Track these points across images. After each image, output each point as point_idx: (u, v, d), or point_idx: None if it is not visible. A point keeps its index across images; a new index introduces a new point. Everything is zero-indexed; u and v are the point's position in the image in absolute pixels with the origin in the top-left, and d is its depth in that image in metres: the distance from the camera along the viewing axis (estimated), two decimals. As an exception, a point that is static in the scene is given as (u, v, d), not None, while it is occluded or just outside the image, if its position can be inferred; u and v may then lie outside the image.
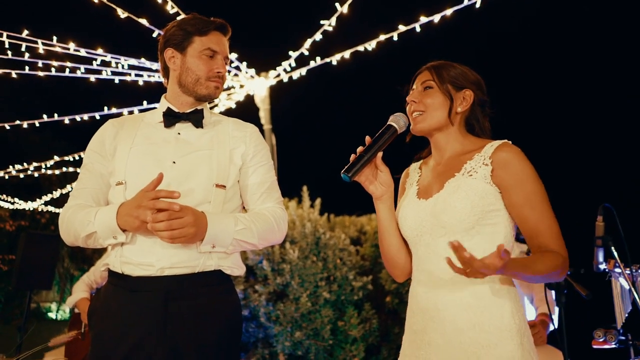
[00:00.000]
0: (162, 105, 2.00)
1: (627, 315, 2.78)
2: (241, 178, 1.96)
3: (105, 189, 1.90)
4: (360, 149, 1.69)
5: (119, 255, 1.80)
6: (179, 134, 1.92)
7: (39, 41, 5.25)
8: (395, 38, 5.19)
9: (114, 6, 4.71)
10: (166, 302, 1.74)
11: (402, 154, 2.01)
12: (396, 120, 1.75)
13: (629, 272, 2.73)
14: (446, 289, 1.64)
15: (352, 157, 1.68)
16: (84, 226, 1.77)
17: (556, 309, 3.43)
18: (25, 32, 5.14)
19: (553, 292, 2.83)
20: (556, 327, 2.93)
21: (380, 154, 1.72)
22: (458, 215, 1.63)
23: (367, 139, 1.71)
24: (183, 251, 1.77)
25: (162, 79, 2.08)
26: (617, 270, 2.73)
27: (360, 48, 5.50)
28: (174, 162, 1.84)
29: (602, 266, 2.81)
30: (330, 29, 5.22)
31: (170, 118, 1.94)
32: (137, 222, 1.67)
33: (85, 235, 1.78)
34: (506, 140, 1.72)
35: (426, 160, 1.95)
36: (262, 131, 6.85)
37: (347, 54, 5.66)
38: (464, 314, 1.60)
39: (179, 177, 1.82)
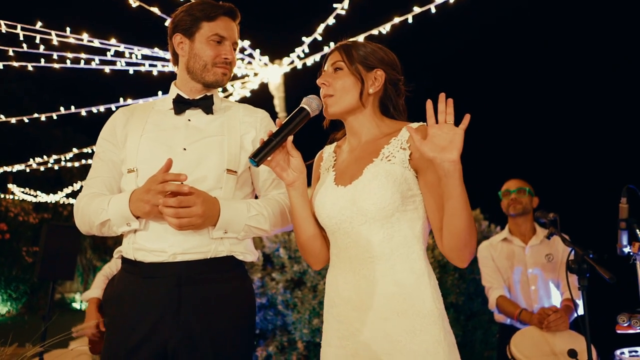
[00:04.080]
0: (172, 92, 1.98)
1: (651, 299, 2.71)
2: None
3: (118, 177, 1.90)
4: (269, 132, 1.63)
5: (132, 242, 1.81)
6: (189, 120, 1.91)
7: (53, 33, 5.28)
8: (410, 20, 5.10)
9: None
10: (179, 288, 1.75)
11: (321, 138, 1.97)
12: (308, 103, 1.68)
13: (654, 254, 2.66)
14: (368, 278, 1.60)
15: (261, 141, 1.62)
16: (97, 214, 1.78)
17: (581, 295, 3.37)
18: (39, 24, 5.18)
19: (575, 276, 2.76)
20: (580, 313, 2.87)
21: (290, 138, 1.65)
22: (379, 203, 1.59)
23: (278, 122, 1.66)
24: (195, 237, 1.76)
25: (174, 68, 2.07)
26: (642, 253, 2.67)
27: (375, 32, 5.42)
28: (184, 149, 1.84)
29: (626, 249, 2.74)
30: (343, 12, 5.15)
31: (180, 105, 1.93)
32: (148, 206, 1.67)
33: (99, 223, 1.78)
34: (422, 123, 1.65)
35: (340, 143, 1.90)
36: (276, 119, 6.86)
37: (361, 38, 5.57)
38: (387, 303, 1.58)
39: (190, 164, 1.81)
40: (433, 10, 4.87)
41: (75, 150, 9.54)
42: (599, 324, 3.14)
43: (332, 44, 5.82)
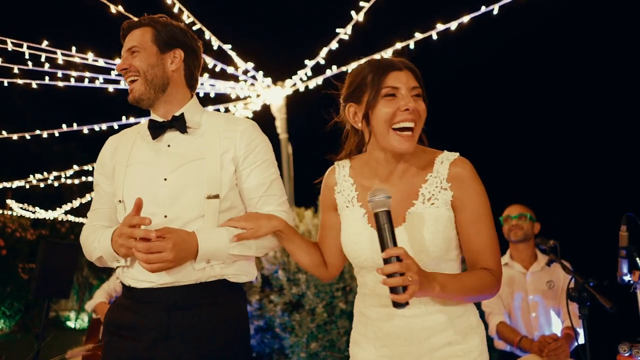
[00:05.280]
0: (151, 116, 1.94)
1: (653, 328, 2.68)
2: (238, 182, 1.85)
3: (115, 208, 1.91)
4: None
5: (124, 272, 1.82)
6: (168, 146, 1.85)
7: (59, 52, 5.35)
8: (412, 46, 5.16)
9: (130, 16, 4.77)
10: (168, 313, 1.73)
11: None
12: (382, 204, 1.44)
13: (655, 283, 2.65)
14: (418, 317, 1.60)
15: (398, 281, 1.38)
16: (92, 250, 1.84)
17: (581, 323, 3.34)
18: (45, 42, 5.25)
19: (576, 304, 2.74)
20: (581, 342, 2.84)
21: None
22: (432, 253, 1.56)
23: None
24: (180, 269, 1.74)
25: None
26: (643, 281, 2.66)
27: (377, 56, 5.48)
28: (165, 179, 1.80)
29: (627, 277, 2.73)
30: (347, 37, 5.22)
31: (155, 130, 1.86)
32: (123, 249, 1.69)
33: (95, 258, 1.85)
34: (458, 155, 1.64)
35: (354, 165, 1.78)
36: (278, 140, 6.89)
37: (363, 62, 5.61)
38: (439, 335, 1.59)
39: (170, 194, 1.78)
40: (435, 37, 4.94)
41: (75, 168, 9.56)
42: (600, 353, 3.10)
43: (334, 68, 5.89)
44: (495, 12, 4.39)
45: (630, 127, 7.26)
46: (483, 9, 4.55)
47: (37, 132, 6.95)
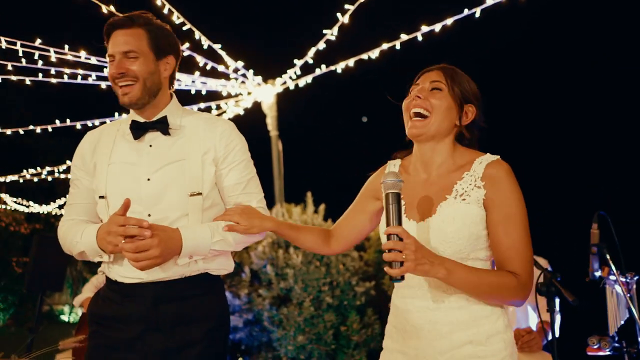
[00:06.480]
0: (131, 116, 1.97)
1: (623, 322, 2.79)
2: (217, 181, 1.93)
3: (94, 202, 1.93)
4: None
5: (109, 267, 1.88)
6: (150, 146, 1.89)
7: (52, 50, 5.41)
8: (398, 47, 5.26)
9: (121, 15, 4.82)
10: (156, 307, 1.81)
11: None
12: (392, 185, 1.50)
13: (623, 279, 2.74)
14: (441, 311, 1.62)
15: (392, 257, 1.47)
16: (73, 245, 1.86)
17: (558, 318, 3.45)
18: (38, 41, 5.31)
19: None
20: (554, 336, 2.94)
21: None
22: (455, 247, 1.59)
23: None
24: (164, 266, 1.80)
25: None
26: (612, 277, 2.75)
27: (364, 56, 5.58)
28: (148, 179, 1.85)
29: (597, 273, 2.82)
30: (334, 38, 5.31)
31: (137, 130, 1.90)
32: (110, 247, 1.72)
33: (77, 252, 1.87)
34: (498, 157, 1.66)
35: (405, 163, 1.84)
36: (269, 138, 6.98)
37: (351, 62, 5.75)
38: (461, 332, 1.60)
39: (153, 194, 1.84)
40: (420, 38, 5.04)
41: (69, 163, 9.60)
42: (570, 346, 3.22)
43: (323, 67, 5.98)
44: (477, 15, 4.51)
45: (603, 127, 7.39)
46: (466, 11, 4.67)
47: (31, 127, 7.02)
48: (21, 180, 11.07)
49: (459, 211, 1.59)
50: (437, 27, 4.88)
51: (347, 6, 4.83)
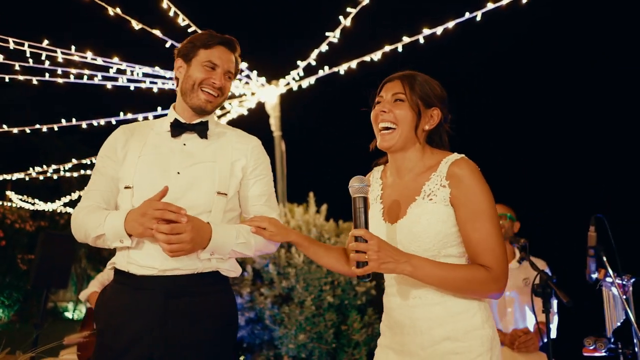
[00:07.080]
0: (170, 115, 2.10)
1: (619, 324, 2.82)
2: (242, 189, 2.06)
3: (116, 192, 2.00)
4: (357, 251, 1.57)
5: (126, 256, 1.91)
6: (184, 144, 2.02)
7: (59, 50, 5.48)
8: (400, 49, 5.31)
9: (128, 18, 4.91)
10: (166, 300, 1.86)
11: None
12: (359, 191, 1.60)
13: (620, 281, 2.78)
14: (419, 307, 1.68)
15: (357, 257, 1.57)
16: (94, 228, 1.87)
17: (555, 319, 3.49)
18: (46, 41, 5.39)
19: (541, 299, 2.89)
20: (552, 337, 2.97)
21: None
22: (423, 245, 1.66)
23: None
24: (184, 257, 1.86)
25: (174, 87, 2.19)
26: (608, 279, 2.78)
27: (367, 58, 5.63)
28: (178, 173, 1.95)
29: (594, 275, 2.86)
30: (336, 40, 5.36)
31: (177, 128, 2.04)
32: (141, 228, 1.78)
33: (95, 236, 1.88)
34: (462, 156, 1.71)
35: (385, 169, 1.94)
36: (272, 138, 7.02)
37: (353, 63, 5.81)
38: (439, 328, 1.65)
39: (182, 187, 1.93)
40: (421, 41, 5.09)
41: (74, 161, 9.69)
42: (567, 347, 3.26)
43: (326, 68, 6.03)
44: (479, 18, 4.55)
45: (601, 130, 7.40)
46: (467, 15, 4.72)
47: (37, 126, 7.09)
48: (27, 178, 11.15)
49: (426, 211, 1.66)
50: (439, 30, 4.93)
51: (349, 9, 4.89)
